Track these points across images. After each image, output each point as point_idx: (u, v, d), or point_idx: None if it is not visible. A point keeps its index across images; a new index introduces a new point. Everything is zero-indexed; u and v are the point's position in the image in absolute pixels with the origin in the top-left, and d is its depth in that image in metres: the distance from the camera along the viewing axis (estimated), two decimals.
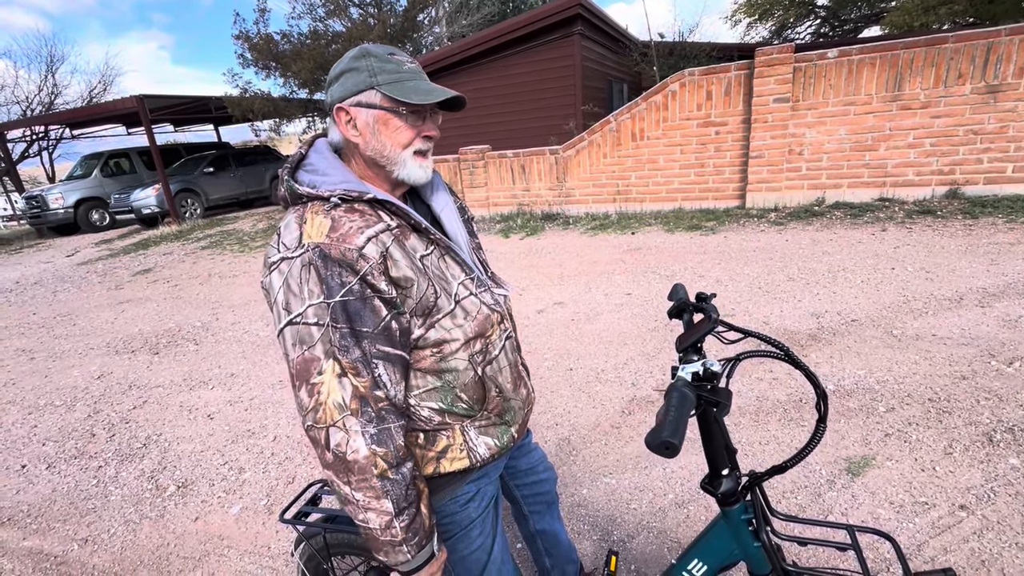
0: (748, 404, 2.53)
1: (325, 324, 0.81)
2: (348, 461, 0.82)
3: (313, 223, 0.84)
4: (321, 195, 0.86)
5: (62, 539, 2.24)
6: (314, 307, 0.81)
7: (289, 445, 2.72)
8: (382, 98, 0.88)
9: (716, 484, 0.85)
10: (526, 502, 1.33)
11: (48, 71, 19.36)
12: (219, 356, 4.05)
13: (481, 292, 0.99)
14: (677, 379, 0.83)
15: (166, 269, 7.54)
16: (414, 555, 0.87)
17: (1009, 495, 1.80)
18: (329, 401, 0.81)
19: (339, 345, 0.81)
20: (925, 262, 3.97)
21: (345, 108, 0.89)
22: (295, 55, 11.61)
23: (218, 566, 1.99)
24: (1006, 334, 2.81)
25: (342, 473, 0.83)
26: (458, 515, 1.01)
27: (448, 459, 0.96)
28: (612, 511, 2.01)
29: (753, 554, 0.88)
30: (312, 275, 0.81)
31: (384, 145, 0.90)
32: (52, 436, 3.11)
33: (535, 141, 8.19)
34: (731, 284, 4.09)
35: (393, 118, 0.89)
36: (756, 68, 5.66)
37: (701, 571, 0.94)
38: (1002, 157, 5.09)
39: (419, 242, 0.92)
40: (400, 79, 0.88)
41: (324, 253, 0.81)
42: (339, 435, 0.81)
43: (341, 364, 0.82)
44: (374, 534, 0.85)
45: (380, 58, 0.89)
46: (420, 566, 0.89)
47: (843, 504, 1.87)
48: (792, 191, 5.97)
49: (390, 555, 0.87)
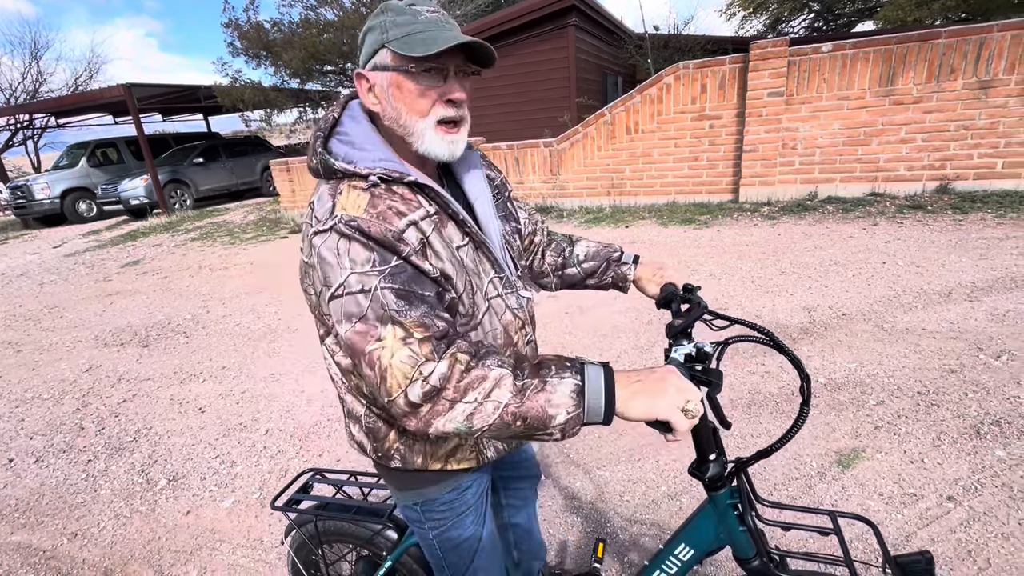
0: (740, 397, 2.55)
1: (372, 289, 0.72)
2: (443, 388, 0.69)
3: (349, 196, 0.77)
4: (359, 172, 0.78)
5: (51, 533, 2.22)
6: (356, 275, 0.72)
7: (281, 438, 2.71)
8: (392, 56, 0.77)
9: (703, 469, 0.86)
10: (505, 494, 1.34)
11: (32, 58, 19.03)
12: (210, 349, 4.01)
13: (507, 294, 0.94)
14: (671, 360, 0.83)
15: (155, 261, 7.45)
16: (584, 375, 0.71)
17: (995, 486, 1.83)
18: (394, 361, 0.70)
19: (396, 307, 0.71)
20: (915, 256, 4.00)
21: (365, 74, 0.81)
22: (286, 44, 11.44)
23: (210, 560, 1.98)
24: (994, 328, 2.84)
25: (460, 404, 0.69)
26: (456, 502, 1.01)
27: (457, 459, 0.95)
28: (606, 503, 2.02)
29: (738, 538, 0.90)
30: (352, 245, 0.74)
31: (399, 112, 0.80)
32: (40, 430, 3.07)
33: (529, 133, 8.15)
34: (724, 278, 4.11)
35: (405, 80, 0.78)
36: (751, 61, 5.65)
37: (688, 555, 0.96)
38: (992, 153, 5.13)
39: (456, 232, 0.85)
40: (411, 32, 0.75)
41: (362, 229, 0.74)
42: (418, 387, 0.69)
43: (404, 325, 0.71)
44: (550, 406, 0.69)
45: (397, 11, 0.78)
46: (606, 383, 0.71)
47: (833, 496, 1.89)
48: (785, 185, 5.99)
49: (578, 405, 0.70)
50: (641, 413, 0.68)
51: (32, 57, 19.05)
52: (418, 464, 0.94)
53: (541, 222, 1.23)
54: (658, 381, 0.70)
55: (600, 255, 1.20)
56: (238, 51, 12.05)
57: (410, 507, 1.02)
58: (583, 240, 1.24)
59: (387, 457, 0.95)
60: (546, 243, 1.23)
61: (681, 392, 0.69)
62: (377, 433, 0.94)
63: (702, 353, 0.85)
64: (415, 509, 1.01)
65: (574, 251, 1.21)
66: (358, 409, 0.95)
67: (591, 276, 1.21)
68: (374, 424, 0.94)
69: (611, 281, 1.21)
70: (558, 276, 1.23)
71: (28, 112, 16.14)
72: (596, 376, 0.70)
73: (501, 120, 9.14)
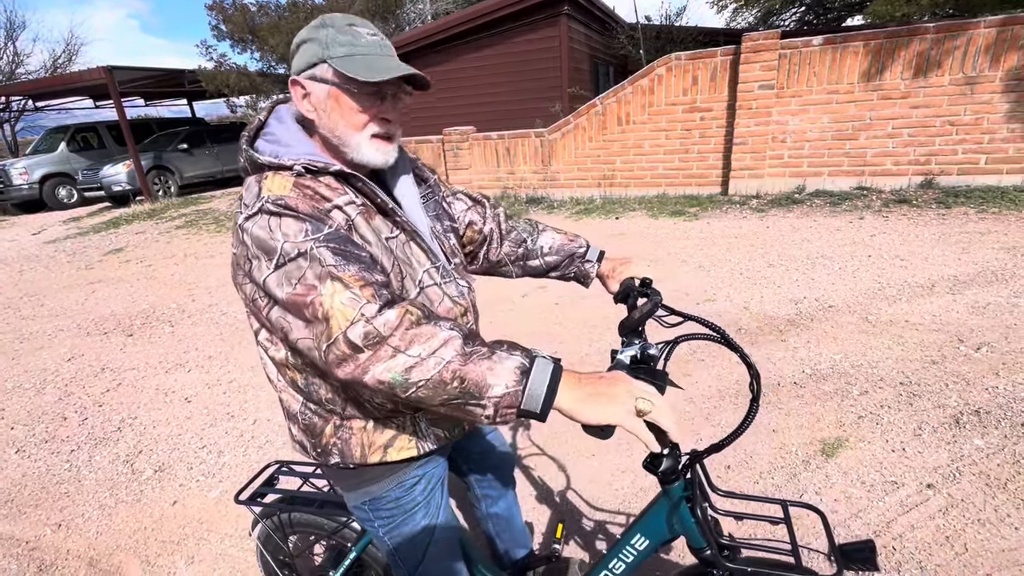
0: (728, 387, 2.58)
1: (308, 251, 0.73)
2: (388, 336, 0.69)
3: (274, 180, 0.80)
4: (284, 164, 0.82)
5: (34, 524, 2.19)
6: (291, 243, 0.74)
7: (270, 428, 2.69)
8: (333, 73, 0.82)
9: (657, 463, 0.87)
10: (479, 485, 1.34)
11: (8, 38, 18.40)
12: (196, 338, 3.96)
13: (446, 283, 0.96)
14: (616, 363, 0.85)
15: (139, 249, 7.31)
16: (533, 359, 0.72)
17: (973, 475, 1.87)
18: (335, 303, 0.71)
19: (334, 263, 0.73)
20: (900, 250, 4.07)
21: (300, 81, 0.84)
22: (272, 28, 11.23)
23: (197, 550, 1.97)
24: (975, 320, 2.90)
25: (401, 355, 0.69)
26: (403, 499, 1.00)
27: (396, 448, 0.94)
28: (594, 492, 2.04)
29: (691, 529, 0.92)
30: (282, 220, 0.76)
31: (336, 124, 0.85)
32: (21, 420, 3.02)
33: (520, 123, 8.10)
34: (713, 270, 4.14)
35: (344, 96, 0.83)
36: (742, 54, 5.66)
37: (644, 545, 0.98)
38: (976, 148, 5.21)
39: (384, 224, 0.88)
40: (353, 53, 0.81)
41: (289, 205, 0.76)
42: (360, 327, 0.70)
43: (342, 280, 0.72)
44: (493, 372, 0.69)
45: (338, 28, 0.83)
46: (552, 374, 0.71)
47: (817, 484, 1.93)
48: (774, 178, 6.04)
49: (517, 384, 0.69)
50: (594, 417, 0.69)
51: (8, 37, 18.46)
52: (357, 457, 0.93)
53: (492, 208, 1.23)
54: (609, 386, 0.71)
55: (564, 250, 1.23)
56: (223, 35, 11.79)
57: (358, 506, 1.02)
58: (549, 231, 1.25)
59: (326, 453, 0.95)
60: (504, 231, 1.22)
61: (631, 394, 0.70)
62: (313, 429, 0.94)
63: (647, 354, 0.87)
64: (363, 508, 1.01)
65: (538, 242, 1.23)
66: (294, 406, 0.95)
67: (553, 269, 1.24)
68: (309, 420, 0.94)
69: (573, 275, 1.24)
70: (518, 266, 1.24)
71: (5, 94, 15.62)
72: (544, 367, 0.71)
73: (492, 109, 9.07)
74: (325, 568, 1.33)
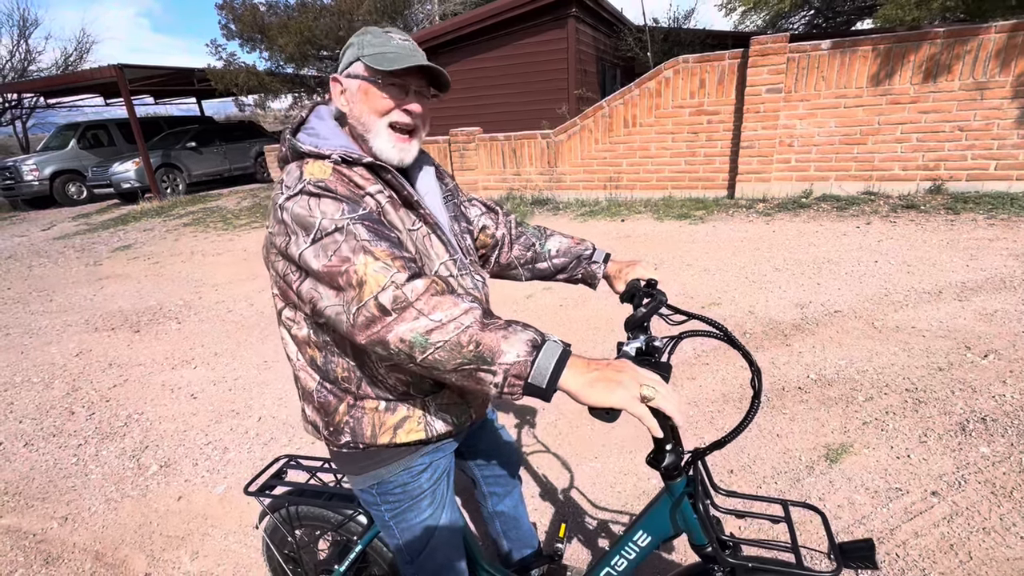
0: (732, 391, 2.58)
1: (344, 226, 0.80)
2: (415, 300, 0.75)
3: (314, 166, 0.87)
4: (322, 153, 0.90)
5: (41, 517, 2.21)
6: (329, 219, 0.81)
7: (275, 426, 2.71)
8: (364, 68, 0.92)
9: (660, 459, 0.88)
10: (485, 483, 1.35)
11: (21, 36, 18.57)
12: (202, 335, 3.99)
13: (462, 275, 1.02)
14: (622, 353, 0.88)
15: (147, 246, 7.37)
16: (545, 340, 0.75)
17: (978, 482, 1.86)
18: (369, 271, 0.77)
19: (368, 238, 0.80)
20: (907, 256, 4.04)
21: (339, 79, 0.96)
22: (281, 28, 11.30)
23: (202, 544, 1.99)
24: (982, 327, 2.88)
25: (424, 318, 0.74)
26: (410, 485, 1.03)
27: (405, 430, 0.98)
28: (597, 493, 2.04)
29: (693, 526, 0.93)
30: (322, 200, 0.83)
31: (363, 112, 0.94)
32: (29, 413, 3.05)
33: (527, 124, 8.10)
34: (719, 273, 4.13)
35: (372, 88, 0.92)
36: (750, 57, 5.64)
37: (646, 541, 0.99)
38: (986, 154, 5.17)
39: (408, 216, 0.95)
40: (383, 52, 0.91)
41: (329, 188, 0.84)
42: (391, 292, 0.76)
43: (374, 253, 0.79)
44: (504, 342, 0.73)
45: (374, 34, 0.94)
46: (559, 359, 0.73)
47: (821, 489, 1.92)
48: (781, 182, 6.01)
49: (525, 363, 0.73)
50: (600, 400, 0.71)
51: (21, 35, 18.60)
52: (367, 438, 0.97)
53: (505, 215, 1.29)
54: (616, 372, 0.73)
55: (571, 252, 1.28)
56: (232, 34, 11.88)
57: (365, 490, 1.05)
58: (556, 235, 1.30)
59: (338, 432, 0.99)
60: (514, 236, 1.28)
61: (636, 380, 0.72)
62: (327, 407, 0.99)
63: (652, 347, 0.89)
64: (370, 492, 1.04)
65: (546, 245, 1.28)
66: (311, 384, 1.00)
67: (561, 271, 1.29)
68: (324, 399, 0.99)
69: (580, 277, 1.29)
70: (528, 269, 1.30)
71: (17, 91, 15.81)
72: (554, 347, 0.74)
73: (498, 110, 9.08)
74: (330, 562, 1.34)
